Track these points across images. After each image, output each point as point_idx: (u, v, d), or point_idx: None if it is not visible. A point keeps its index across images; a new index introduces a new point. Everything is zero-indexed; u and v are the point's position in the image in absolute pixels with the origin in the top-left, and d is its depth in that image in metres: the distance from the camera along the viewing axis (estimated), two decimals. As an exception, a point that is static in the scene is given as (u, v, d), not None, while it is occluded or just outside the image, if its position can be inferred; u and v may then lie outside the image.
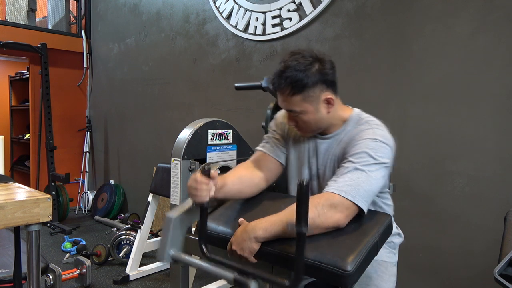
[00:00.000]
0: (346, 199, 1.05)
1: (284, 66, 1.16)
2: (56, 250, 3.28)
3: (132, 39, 4.07)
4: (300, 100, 1.16)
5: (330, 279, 0.96)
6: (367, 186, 1.08)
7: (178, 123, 3.48)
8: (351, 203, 1.05)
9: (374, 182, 1.10)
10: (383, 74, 2.27)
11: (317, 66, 1.16)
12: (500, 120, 1.90)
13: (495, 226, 1.74)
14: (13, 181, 1.45)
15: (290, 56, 1.17)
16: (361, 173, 1.09)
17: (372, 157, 1.11)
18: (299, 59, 1.15)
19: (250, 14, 2.91)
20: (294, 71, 1.14)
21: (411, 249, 2.13)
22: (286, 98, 1.18)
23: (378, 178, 1.11)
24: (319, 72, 1.15)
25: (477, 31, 1.96)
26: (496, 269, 1.16)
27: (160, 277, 2.77)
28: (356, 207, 1.07)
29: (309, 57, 1.16)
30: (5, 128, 5.06)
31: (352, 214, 1.07)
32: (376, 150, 1.12)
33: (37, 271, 1.24)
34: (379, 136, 1.15)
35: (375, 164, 1.10)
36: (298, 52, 1.18)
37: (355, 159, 1.11)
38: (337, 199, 1.05)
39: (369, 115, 1.26)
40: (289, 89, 1.15)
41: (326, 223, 1.04)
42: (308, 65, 1.15)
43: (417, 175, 2.15)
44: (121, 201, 4.21)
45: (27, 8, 4.48)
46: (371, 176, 1.09)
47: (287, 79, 1.14)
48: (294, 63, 1.15)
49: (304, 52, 1.18)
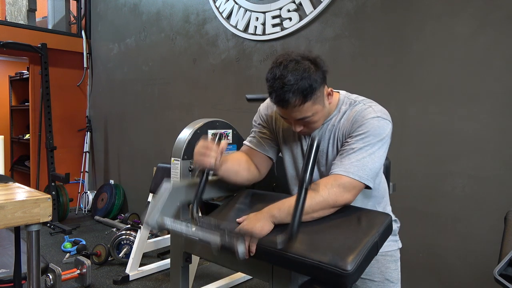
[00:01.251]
0: (353, 179, 1.12)
1: (284, 79, 1.10)
2: (56, 250, 3.28)
3: (132, 39, 4.07)
4: (311, 105, 1.15)
5: (330, 279, 0.96)
6: (372, 165, 1.14)
7: (178, 123, 3.48)
8: (358, 182, 1.12)
9: (377, 160, 1.16)
10: (383, 74, 2.27)
11: (313, 66, 1.14)
12: (500, 120, 1.90)
13: (495, 226, 1.74)
14: (13, 181, 1.45)
15: (283, 68, 1.11)
16: (366, 152, 1.14)
17: (376, 136, 1.16)
18: (296, 67, 1.11)
19: (250, 14, 2.91)
20: (300, 80, 1.10)
21: (411, 249, 2.13)
22: (296, 109, 1.15)
23: (382, 155, 1.17)
24: (317, 71, 1.15)
25: (477, 31, 1.96)
26: (496, 269, 1.16)
27: (160, 277, 2.77)
28: (363, 185, 1.14)
29: (301, 60, 1.13)
30: (5, 128, 5.06)
31: (359, 191, 1.15)
32: (379, 128, 1.17)
33: (37, 271, 1.24)
34: (379, 112, 1.20)
35: (379, 142, 1.16)
36: (288, 59, 1.13)
37: (360, 139, 1.16)
38: (345, 180, 1.12)
39: (356, 95, 1.30)
40: (300, 99, 1.12)
41: (337, 203, 1.11)
42: (308, 68, 1.12)
43: (417, 175, 2.15)
44: (121, 201, 4.21)
45: (27, 8, 4.48)
46: (375, 155, 1.15)
47: (295, 91, 1.10)
48: (295, 73, 1.10)
49: (293, 56, 1.13)
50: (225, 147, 1.21)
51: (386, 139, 1.18)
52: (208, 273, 2.81)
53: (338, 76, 2.45)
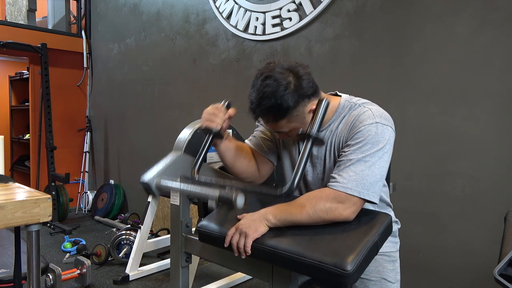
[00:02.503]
0: (352, 196, 1.05)
1: (259, 95, 1.08)
2: (56, 250, 3.28)
3: (132, 39, 4.07)
4: (286, 122, 1.12)
5: (330, 279, 0.95)
6: (372, 178, 1.06)
7: (178, 123, 3.48)
8: (357, 199, 1.06)
9: (378, 172, 1.07)
10: (383, 74, 2.28)
11: (293, 83, 1.07)
12: (500, 120, 1.90)
13: (495, 226, 1.74)
14: (13, 181, 1.45)
15: (262, 81, 1.08)
16: (365, 164, 1.06)
17: (374, 144, 1.07)
18: (272, 84, 1.06)
19: (250, 14, 2.91)
20: (273, 99, 1.06)
21: (411, 249, 2.13)
22: (270, 124, 1.16)
23: (383, 166, 1.09)
24: (297, 90, 1.08)
25: (477, 31, 1.96)
26: (496, 269, 1.16)
27: (160, 277, 2.77)
28: (363, 201, 1.08)
29: (281, 78, 1.06)
30: (5, 128, 5.06)
31: (359, 207, 1.08)
32: (377, 135, 1.08)
33: (37, 271, 1.24)
34: (378, 117, 1.11)
35: (378, 151, 1.07)
36: (268, 74, 1.08)
37: (357, 149, 1.08)
38: (344, 197, 1.05)
39: (359, 98, 1.22)
40: (271, 117, 1.11)
41: (335, 219, 1.06)
42: (284, 87, 1.06)
43: (417, 175, 2.16)
44: (121, 201, 4.21)
45: (27, 8, 4.48)
46: (375, 166, 1.07)
47: (267, 109, 1.08)
48: (269, 90, 1.06)
49: (274, 72, 1.08)
50: (234, 114, 1.22)
51: (386, 147, 1.09)
52: (208, 273, 2.81)
53: (338, 76, 2.45)
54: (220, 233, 1.15)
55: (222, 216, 1.24)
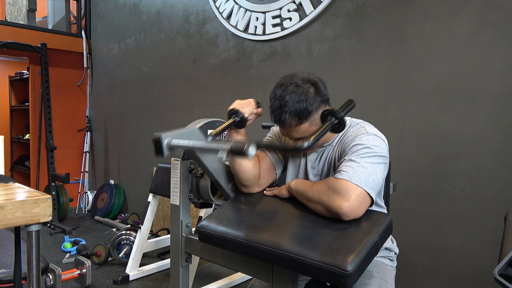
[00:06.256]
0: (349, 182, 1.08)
1: (282, 101, 1.17)
2: (56, 250, 3.28)
3: (132, 39, 4.07)
4: (308, 126, 1.20)
5: (330, 279, 0.95)
6: (374, 176, 1.11)
7: (178, 123, 3.48)
8: (354, 185, 1.08)
9: (380, 173, 1.13)
10: (383, 74, 2.27)
11: (313, 89, 1.18)
12: (500, 120, 1.90)
13: (495, 226, 1.74)
14: (13, 181, 1.45)
15: (284, 89, 1.18)
16: (366, 163, 1.12)
17: (372, 148, 1.14)
18: (295, 90, 1.17)
19: (250, 14, 2.91)
20: (296, 103, 1.16)
21: (411, 249, 2.13)
22: (293, 129, 1.21)
23: (382, 170, 1.15)
24: (317, 95, 1.19)
25: (477, 31, 1.96)
26: (496, 269, 1.16)
27: (160, 277, 2.77)
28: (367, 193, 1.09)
29: (302, 84, 1.18)
30: (5, 128, 5.06)
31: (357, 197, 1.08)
32: (375, 142, 1.16)
33: (37, 271, 1.24)
34: (372, 132, 1.20)
35: (377, 157, 1.14)
36: (290, 81, 1.19)
37: (353, 155, 1.14)
38: (340, 183, 1.09)
39: (358, 119, 1.31)
40: (296, 121, 1.18)
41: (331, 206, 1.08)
42: (306, 92, 1.17)
43: (417, 175, 2.15)
44: (121, 201, 4.22)
45: (27, 8, 4.48)
46: (376, 167, 1.12)
47: (291, 112, 1.17)
48: (293, 95, 1.17)
49: (295, 79, 1.19)
50: (260, 114, 1.33)
51: (383, 157, 1.16)
52: (208, 273, 2.81)
53: (338, 76, 2.45)
54: (220, 233, 1.15)
55: (222, 216, 1.24)
